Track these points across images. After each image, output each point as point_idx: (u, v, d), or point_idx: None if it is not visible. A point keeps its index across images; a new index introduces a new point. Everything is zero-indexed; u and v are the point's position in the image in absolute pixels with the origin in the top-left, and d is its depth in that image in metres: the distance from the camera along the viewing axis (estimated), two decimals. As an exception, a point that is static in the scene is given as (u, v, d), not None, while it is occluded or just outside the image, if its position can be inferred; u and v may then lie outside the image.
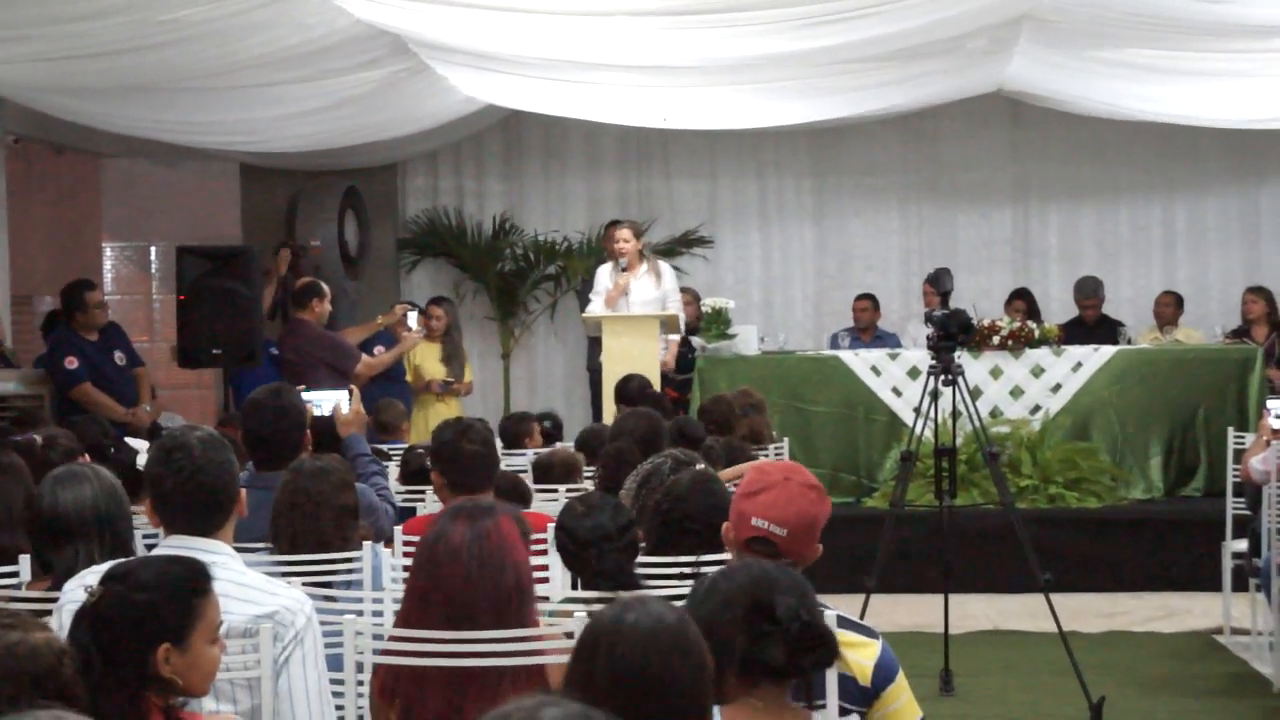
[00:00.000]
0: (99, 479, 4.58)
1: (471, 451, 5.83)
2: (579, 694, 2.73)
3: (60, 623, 3.83)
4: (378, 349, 11.90)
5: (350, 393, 7.18)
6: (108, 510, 4.51)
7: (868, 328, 13.73)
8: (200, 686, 3.37)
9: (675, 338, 11.66)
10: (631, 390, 9.44)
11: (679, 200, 14.81)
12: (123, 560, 3.52)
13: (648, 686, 2.75)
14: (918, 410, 8.46)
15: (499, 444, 6.80)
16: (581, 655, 2.82)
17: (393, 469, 8.02)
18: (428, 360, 12.60)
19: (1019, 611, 9.66)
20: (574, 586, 4.87)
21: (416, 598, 3.79)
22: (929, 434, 8.44)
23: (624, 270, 11.27)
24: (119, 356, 10.99)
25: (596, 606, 3.31)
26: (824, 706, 3.62)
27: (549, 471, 7.47)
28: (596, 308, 11.25)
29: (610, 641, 2.79)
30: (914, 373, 11.17)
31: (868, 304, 13.85)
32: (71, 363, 10.65)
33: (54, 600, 4.09)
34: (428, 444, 7.43)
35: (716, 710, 3.14)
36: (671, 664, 2.78)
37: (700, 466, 5.44)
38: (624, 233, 11.41)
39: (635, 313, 11.03)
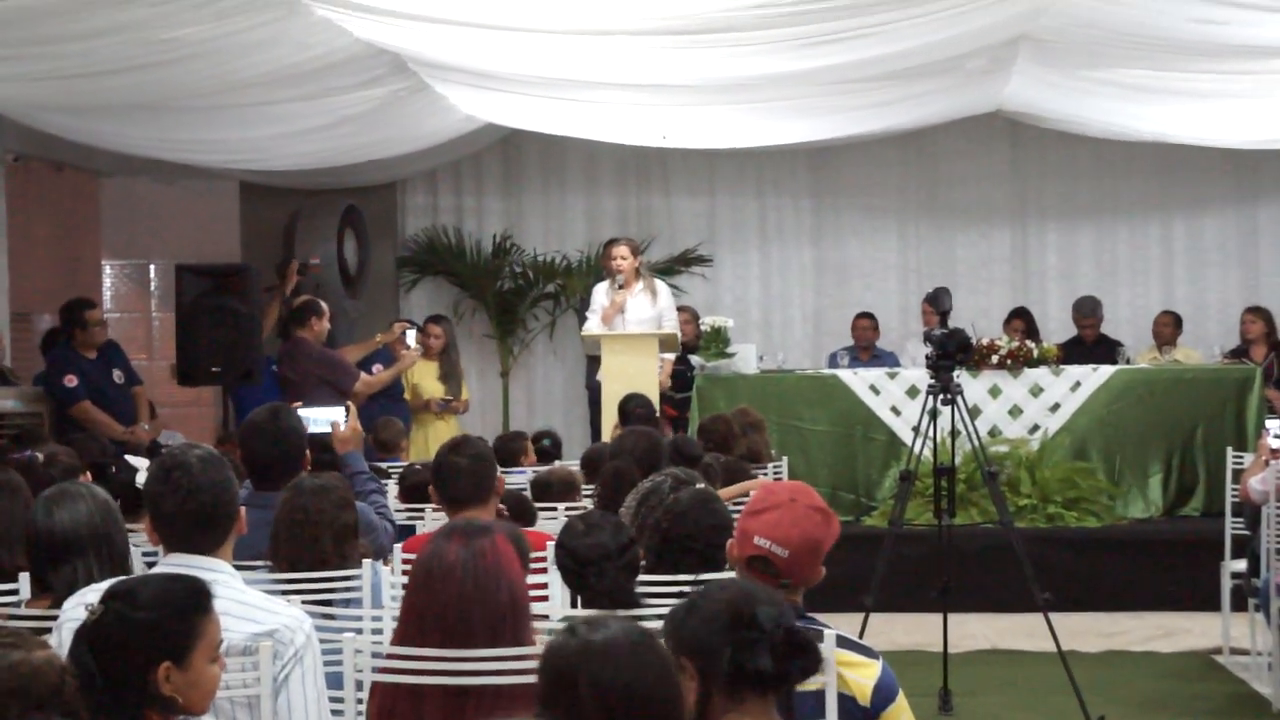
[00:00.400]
0: (93, 496, 4.57)
1: (457, 464, 5.81)
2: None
3: (60, 640, 3.82)
4: (375, 367, 11.90)
5: (347, 410, 7.17)
6: (104, 527, 4.50)
7: (868, 346, 13.73)
8: (200, 705, 3.37)
9: (670, 356, 11.66)
10: (631, 409, 9.46)
11: (678, 219, 14.82)
12: (124, 578, 3.52)
13: (633, 701, 2.75)
14: (916, 429, 8.46)
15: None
16: (559, 685, 2.81)
17: (392, 487, 8.02)
18: (426, 379, 12.60)
19: (1018, 631, 9.65)
20: (574, 605, 4.88)
21: (413, 617, 3.79)
22: (928, 453, 8.44)
23: (620, 288, 11.28)
24: (118, 375, 11.01)
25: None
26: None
27: (548, 489, 7.47)
28: (593, 325, 11.26)
29: (587, 666, 2.78)
30: (913, 392, 11.18)
31: (869, 323, 13.86)
32: (71, 380, 10.66)
33: (54, 618, 4.09)
34: (425, 462, 7.43)
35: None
36: (650, 673, 2.80)
37: (701, 485, 5.44)
38: (621, 250, 11.41)
39: (631, 330, 11.03)
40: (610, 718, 2.73)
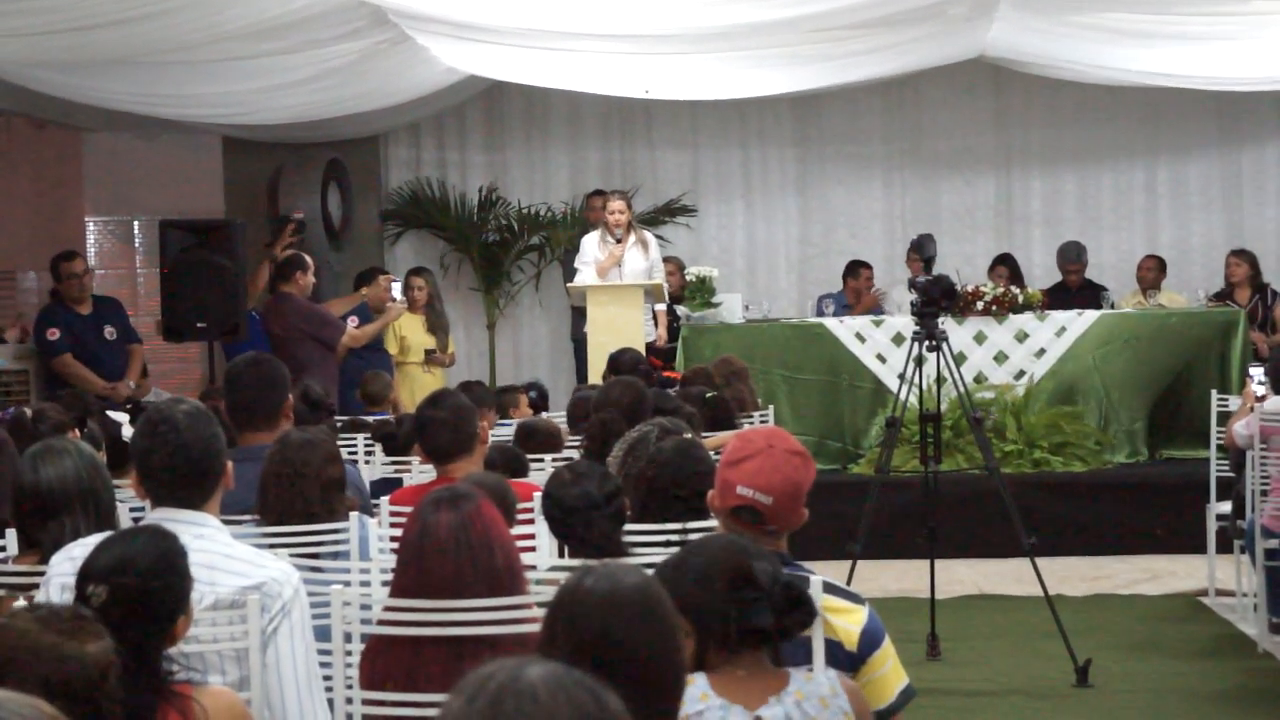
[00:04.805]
0: (79, 452, 4.56)
1: (432, 417, 5.88)
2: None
3: (48, 596, 3.83)
4: (351, 320, 11.83)
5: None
6: (90, 483, 4.49)
7: (863, 295, 13.62)
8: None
9: (663, 308, 11.65)
10: (624, 365, 9.44)
11: (662, 170, 14.79)
12: (104, 548, 3.45)
13: (608, 651, 2.67)
14: (902, 376, 8.48)
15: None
16: (545, 623, 2.78)
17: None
18: (414, 332, 12.58)
19: (1005, 575, 9.70)
20: (561, 555, 4.89)
21: (409, 591, 3.81)
22: (914, 400, 8.46)
23: (618, 242, 11.28)
24: (109, 331, 10.97)
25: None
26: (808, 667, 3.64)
27: (532, 437, 7.47)
28: (586, 278, 11.25)
29: (570, 607, 2.74)
30: (898, 339, 11.19)
31: (869, 272, 13.72)
32: (53, 334, 10.65)
33: (41, 574, 4.09)
34: (399, 415, 7.43)
35: (703, 677, 3.15)
36: (632, 627, 2.71)
37: (687, 435, 5.46)
38: (618, 204, 11.41)
39: (626, 283, 11.07)
40: (582, 662, 2.70)
